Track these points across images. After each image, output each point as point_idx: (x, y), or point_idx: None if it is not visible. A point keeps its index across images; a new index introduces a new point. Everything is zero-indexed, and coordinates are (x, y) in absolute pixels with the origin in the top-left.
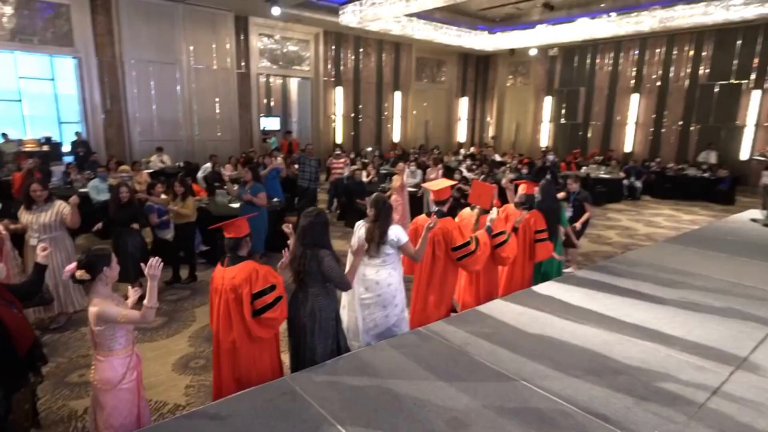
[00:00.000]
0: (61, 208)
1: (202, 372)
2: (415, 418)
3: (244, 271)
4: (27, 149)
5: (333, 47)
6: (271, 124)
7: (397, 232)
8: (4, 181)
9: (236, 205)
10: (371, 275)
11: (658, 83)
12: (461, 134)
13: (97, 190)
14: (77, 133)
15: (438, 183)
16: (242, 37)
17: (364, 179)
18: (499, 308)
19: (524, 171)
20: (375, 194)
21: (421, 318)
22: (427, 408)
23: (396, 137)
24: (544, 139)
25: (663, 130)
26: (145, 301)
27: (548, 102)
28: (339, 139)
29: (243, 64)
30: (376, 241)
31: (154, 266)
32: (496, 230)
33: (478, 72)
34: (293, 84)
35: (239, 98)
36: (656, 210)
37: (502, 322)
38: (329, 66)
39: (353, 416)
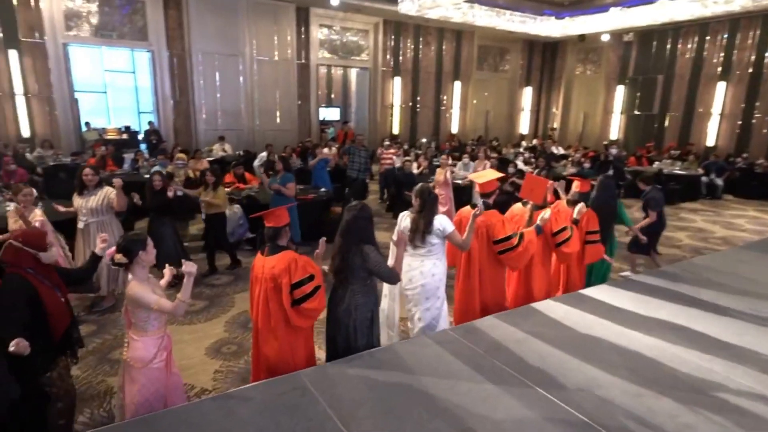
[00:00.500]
0: (108, 192)
1: (232, 358)
2: (425, 427)
3: (283, 261)
4: (109, 137)
5: (392, 37)
6: (331, 114)
7: (442, 222)
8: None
9: None
10: (416, 266)
11: (750, 70)
12: (524, 125)
13: None
14: (150, 123)
15: (484, 175)
16: (303, 28)
17: (415, 171)
18: (544, 309)
19: (586, 165)
20: (420, 185)
21: (464, 313)
22: (440, 417)
23: (454, 128)
24: (614, 131)
25: (753, 122)
26: (179, 294)
27: (620, 91)
28: (396, 130)
29: (303, 54)
30: (421, 230)
31: (189, 264)
32: (557, 227)
33: (544, 60)
34: (353, 74)
35: (299, 89)
36: (738, 211)
37: (544, 324)
38: (388, 56)
39: (359, 418)
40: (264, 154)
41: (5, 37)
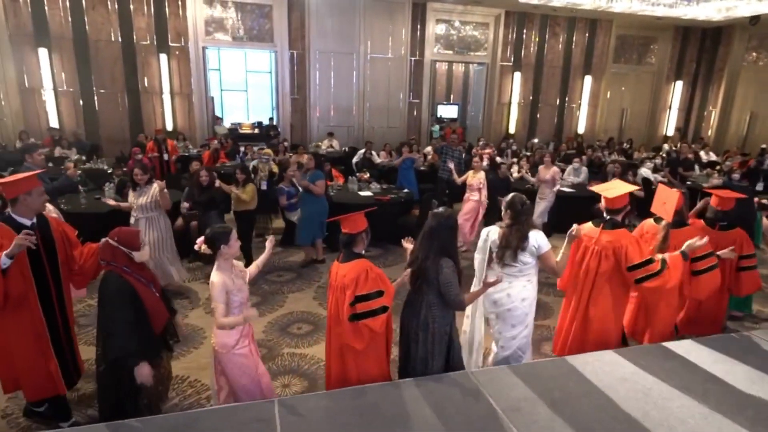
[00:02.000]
0: (156, 191)
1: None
2: None
3: (354, 270)
4: (243, 132)
5: (514, 29)
6: (449, 112)
7: (538, 239)
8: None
9: (366, 193)
10: (503, 286)
11: None
12: (670, 126)
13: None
14: (270, 119)
15: (613, 187)
16: (418, 24)
17: (515, 174)
18: (677, 350)
19: (735, 176)
20: (511, 195)
21: (569, 345)
22: None
23: (581, 128)
24: None
25: None
26: (228, 318)
27: None
28: (512, 129)
29: (417, 51)
30: (513, 247)
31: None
32: (637, 255)
33: (702, 49)
34: (471, 71)
35: (412, 86)
36: None
37: (664, 370)
38: (508, 50)
39: None
40: (362, 151)
41: (158, 43)
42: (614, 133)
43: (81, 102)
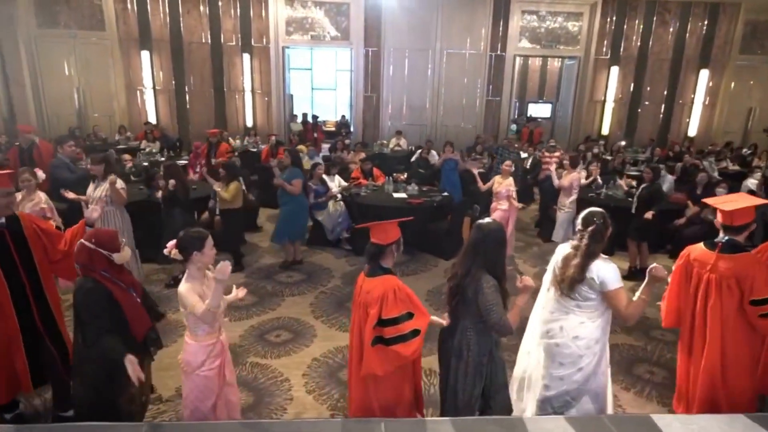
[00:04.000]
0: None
1: None
2: None
3: (380, 288)
4: (327, 129)
5: (613, 18)
6: (541, 110)
7: (603, 271)
8: (256, 153)
9: (400, 194)
10: (558, 317)
11: None
12: None
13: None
14: (342, 116)
15: (734, 199)
16: (501, 17)
17: (583, 182)
18: None
19: None
20: (590, 209)
21: (689, 400)
22: None
23: (692, 130)
24: None
25: None
26: (206, 301)
27: None
28: (605, 129)
29: (498, 46)
30: (569, 276)
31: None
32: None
33: None
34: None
35: (491, 83)
36: None
37: None
38: (604, 42)
39: None
40: (419, 150)
41: (242, 43)
42: (736, 137)
43: (175, 100)
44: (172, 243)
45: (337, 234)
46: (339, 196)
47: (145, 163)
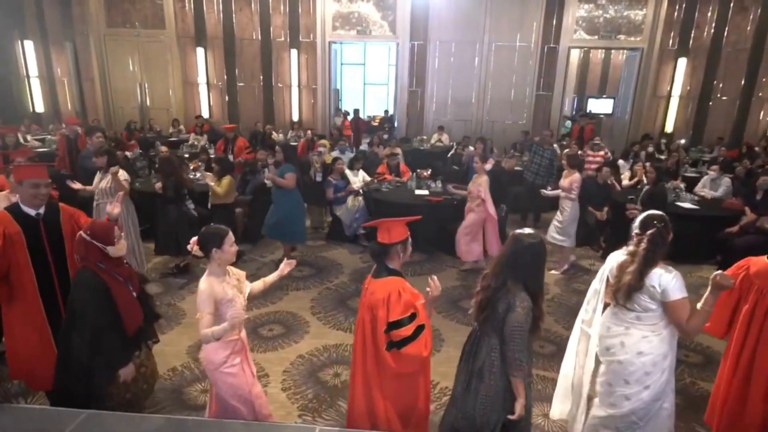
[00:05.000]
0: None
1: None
2: None
3: (384, 290)
4: (374, 124)
5: (682, 6)
6: (602, 106)
7: (665, 280)
8: (293, 146)
9: (422, 191)
10: (617, 331)
11: None
12: None
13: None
14: (385, 111)
15: None
16: (554, 9)
17: (625, 182)
18: None
19: None
20: (647, 213)
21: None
22: None
23: None
24: None
25: None
26: (213, 327)
27: None
28: (669, 127)
29: (552, 37)
30: (627, 284)
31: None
32: None
33: None
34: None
35: (542, 76)
36: None
37: None
38: (672, 31)
39: None
40: (455, 145)
41: (290, 39)
42: None
43: (226, 95)
44: (194, 239)
45: (353, 230)
46: (360, 191)
47: (186, 155)
